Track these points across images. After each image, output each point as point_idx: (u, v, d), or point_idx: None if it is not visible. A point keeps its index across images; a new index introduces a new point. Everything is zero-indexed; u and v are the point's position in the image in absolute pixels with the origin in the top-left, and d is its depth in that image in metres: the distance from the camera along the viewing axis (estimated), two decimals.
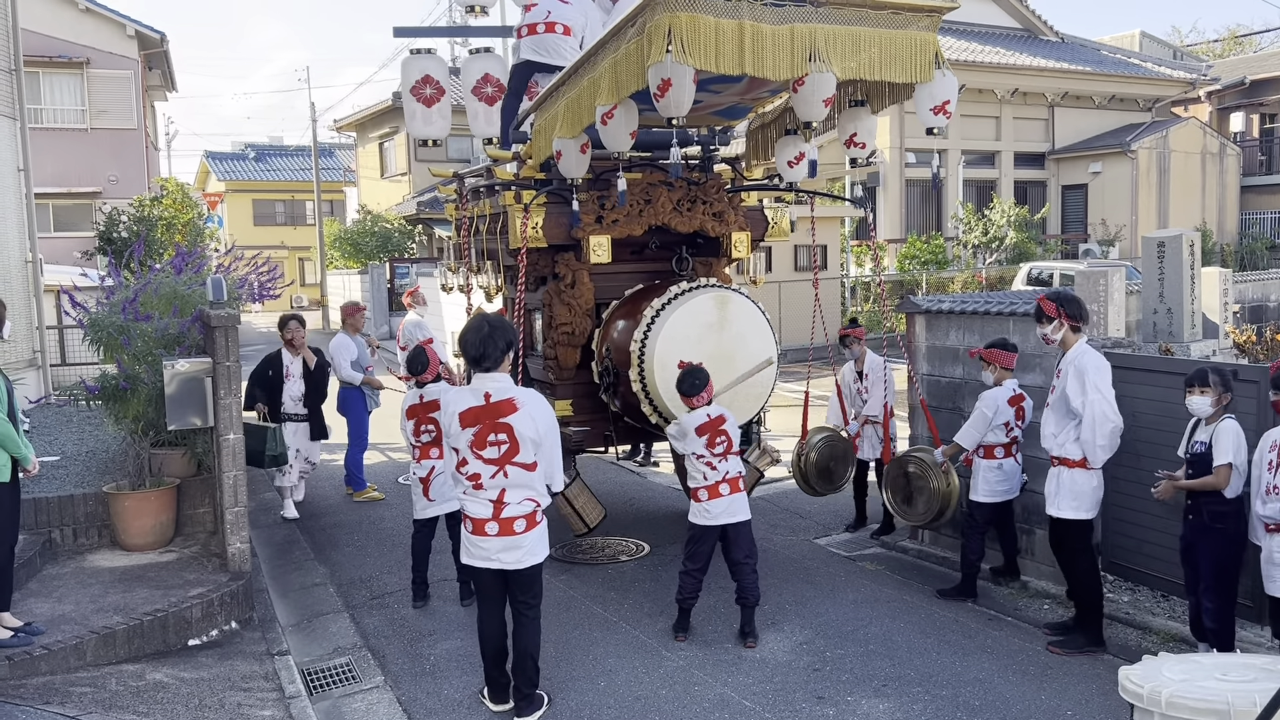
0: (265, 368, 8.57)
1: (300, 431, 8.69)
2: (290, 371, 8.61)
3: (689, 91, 4.94)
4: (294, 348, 8.64)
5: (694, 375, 5.80)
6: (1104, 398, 5.48)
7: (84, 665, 5.37)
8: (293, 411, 8.64)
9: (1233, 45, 42.70)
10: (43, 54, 21.27)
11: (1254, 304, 11.70)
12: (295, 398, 8.65)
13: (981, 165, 26.08)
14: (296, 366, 8.64)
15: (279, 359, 8.60)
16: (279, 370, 8.57)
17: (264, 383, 8.52)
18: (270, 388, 8.50)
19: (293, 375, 8.61)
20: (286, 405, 8.60)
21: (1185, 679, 3.13)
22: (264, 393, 8.46)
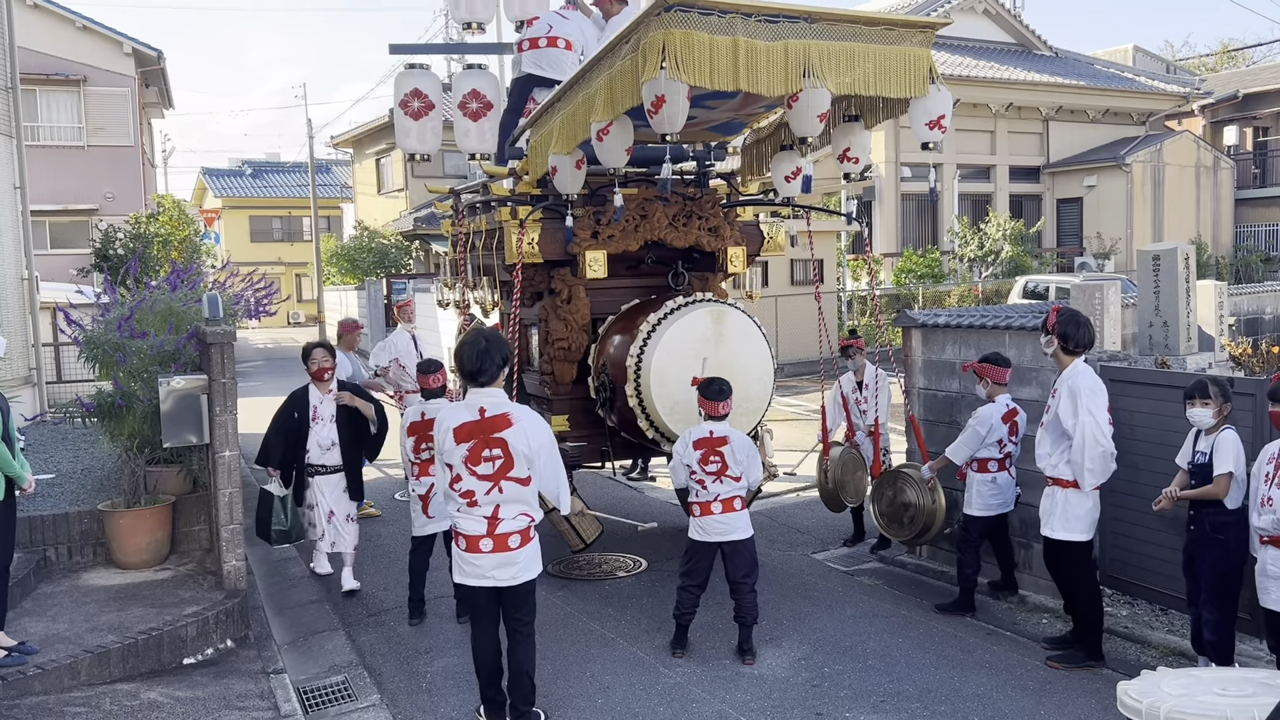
0: (290, 409, 7.02)
1: (330, 488, 7.11)
2: (319, 413, 7.01)
3: (683, 108, 4.96)
4: (322, 383, 7.11)
5: (720, 383, 5.79)
6: (1095, 420, 5.45)
7: (78, 685, 5.34)
8: (320, 463, 7.05)
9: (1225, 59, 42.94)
10: (40, 71, 21.31)
11: (1249, 316, 11.71)
12: (324, 445, 7.03)
13: (976, 179, 26.15)
14: (327, 407, 7.04)
15: (305, 398, 7.05)
16: (305, 412, 7.01)
17: (287, 429, 7.00)
18: (294, 434, 7.02)
19: (321, 418, 7.01)
20: (313, 455, 7.02)
21: (1184, 694, 3.12)
22: (283, 443, 7.00)
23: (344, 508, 7.15)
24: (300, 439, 6.98)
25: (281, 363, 25.88)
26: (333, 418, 7.04)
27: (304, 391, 7.07)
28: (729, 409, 5.78)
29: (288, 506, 6.89)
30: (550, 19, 7.55)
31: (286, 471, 7.02)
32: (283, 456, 6.99)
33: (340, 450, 7.08)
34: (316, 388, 7.06)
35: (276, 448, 6.98)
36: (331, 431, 7.03)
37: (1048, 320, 5.65)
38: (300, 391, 7.08)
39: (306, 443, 7.00)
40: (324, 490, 7.08)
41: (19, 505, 7.01)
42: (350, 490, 7.16)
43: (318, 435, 7.01)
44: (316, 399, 7.05)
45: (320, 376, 7.03)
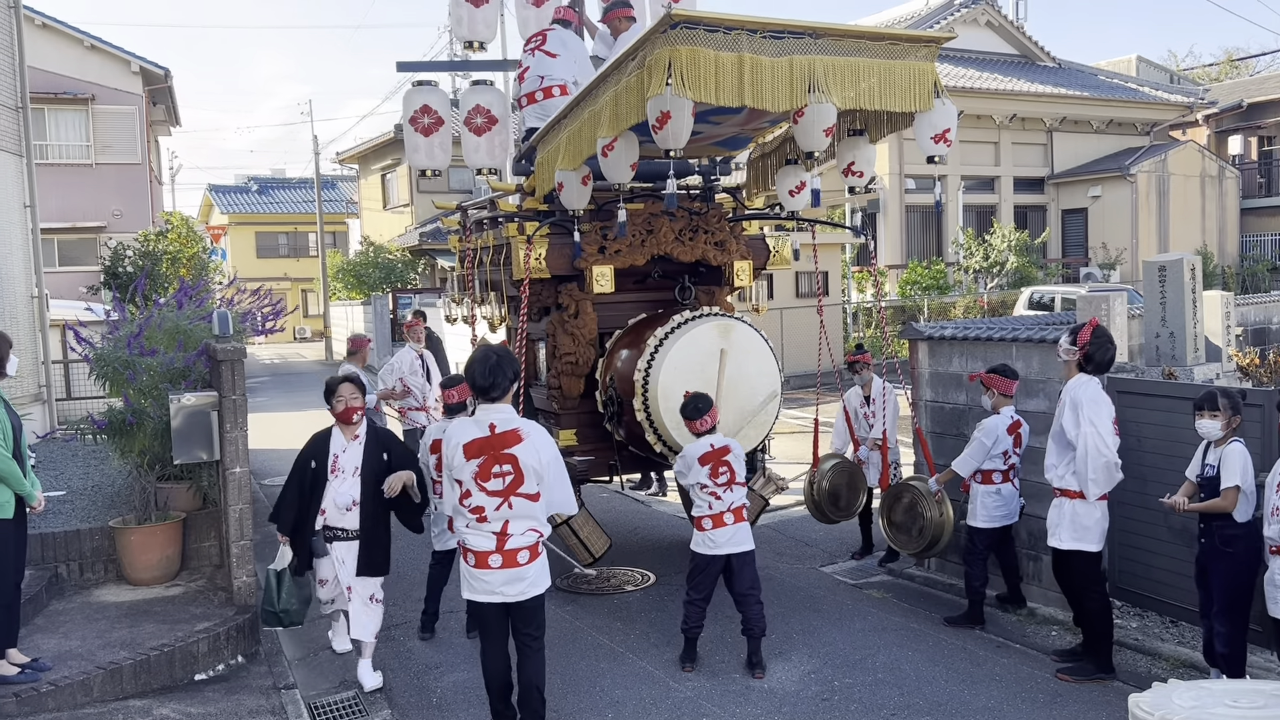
0: (308, 457, 5.70)
1: (351, 557, 5.71)
2: (339, 464, 5.65)
3: (687, 124, 5.00)
4: (349, 426, 5.76)
5: (697, 400, 5.82)
6: (1096, 431, 5.45)
7: (91, 701, 5.36)
8: (339, 525, 5.67)
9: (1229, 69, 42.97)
10: (49, 90, 21.46)
11: (1256, 326, 11.70)
12: (343, 504, 5.64)
13: (981, 190, 26.19)
14: (351, 456, 5.68)
15: (325, 444, 5.72)
16: (324, 461, 5.67)
17: (303, 481, 5.67)
18: (311, 489, 5.66)
19: (342, 470, 5.65)
20: (330, 515, 5.65)
21: (1195, 706, 3.13)
22: (298, 500, 5.67)
23: (363, 587, 5.76)
24: (315, 493, 5.67)
25: (288, 378, 25.97)
26: (356, 470, 5.67)
27: (325, 436, 5.77)
28: (712, 421, 5.81)
29: (284, 581, 5.60)
30: (539, 66, 7.43)
31: (302, 536, 5.69)
32: (297, 516, 5.68)
33: (361, 511, 5.69)
34: (341, 431, 5.75)
35: (290, 506, 5.66)
36: (353, 487, 5.66)
37: (1080, 333, 5.60)
38: (322, 436, 5.78)
39: (322, 498, 5.68)
40: (344, 559, 5.73)
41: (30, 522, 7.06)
42: (369, 564, 5.76)
43: (336, 491, 5.64)
44: (339, 446, 5.71)
45: (347, 418, 5.70)
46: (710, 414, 5.80)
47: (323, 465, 5.67)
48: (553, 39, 7.56)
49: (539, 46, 7.54)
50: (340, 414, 5.74)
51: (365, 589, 5.80)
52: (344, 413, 5.73)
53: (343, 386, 5.78)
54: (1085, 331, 5.60)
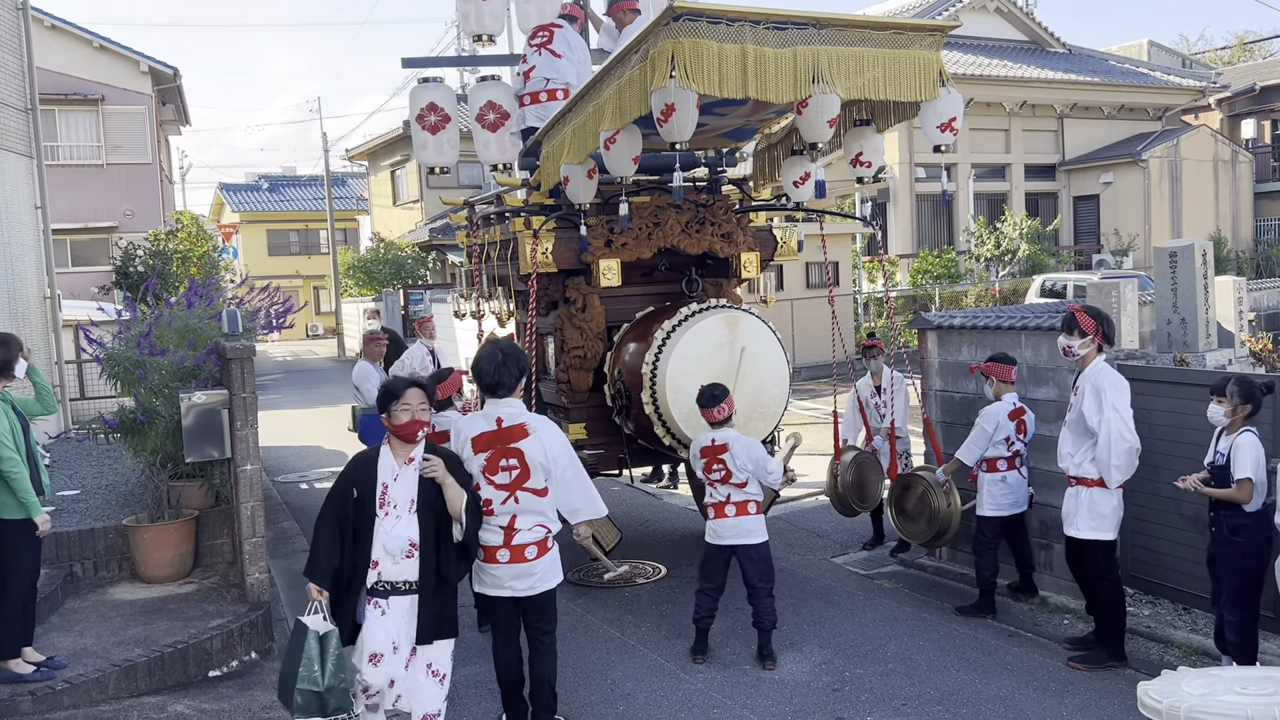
0: (346, 485, 4.41)
1: (405, 618, 4.36)
2: (389, 497, 4.32)
3: (692, 116, 4.99)
4: (408, 446, 4.40)
5: (713, 389, 5.83)
6: (1120, 417, 5.42)
7: (106, 698, 5.40)
8: (392, 579, 4.33)
9: (1241, 52, 42.61)
10: (58, 91, 21.57)
11: (1270, 311, 11.64)
12: (397, 550, 4.31)
13: (992, 178, 26.06)
14: (405, 485, 4.34)
15: (371, 469, 4.38)
16: (370, 491, 4.34)
17: (342, 518, 4.36)
18: (354, 528, 4.35)
19: (393, 504, 4.32)
20: (385, 568, 4.32)
21: (1204, 693, 3.11)
22: (337, 542, 4.34)
23: (425, 654, 4.45)
24: (360, 535, 4.34)
25: (300, 375, 26.08)
26: (412, 505, 4.33)
27: (370, 458, 4.43)
28: (729, 410, 5.80)
29: (329, 651, 4.18)
30: (544, 67, 7.40)
31: (349, 595, 4.37)
32: (340, 566, 4.35)
33: (422, 558, 4.34)
34: (393, 452, 4.39)
35: (328, 551, 4.34)
36: (409, 526, 4.33)
37: (1083, 322, 5.53)
38: (365, 457, 4.47)
39: (370, 544, 4.32)
40: (395, 620, 4.35)
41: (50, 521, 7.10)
42: (435, 624, 4.41)
43: (387, 533, 4.31)
44: (388, 472, 4.35)
45: (410, 434, 4.35)
46: (726, 402, 5.80)
47: (367, 496, 4.32)
48: (559, 38, 7.53)
49: (545, 44, 7.50)
50: (402, 428, 4.33)
51: (427, 657, 4.45)
52: (407, 427, 4.32)
53: (410, 392, 4.35)
54: (1086, 319, 5.56)
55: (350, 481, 4.41)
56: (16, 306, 10.92)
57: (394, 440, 4.41)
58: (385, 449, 4.42)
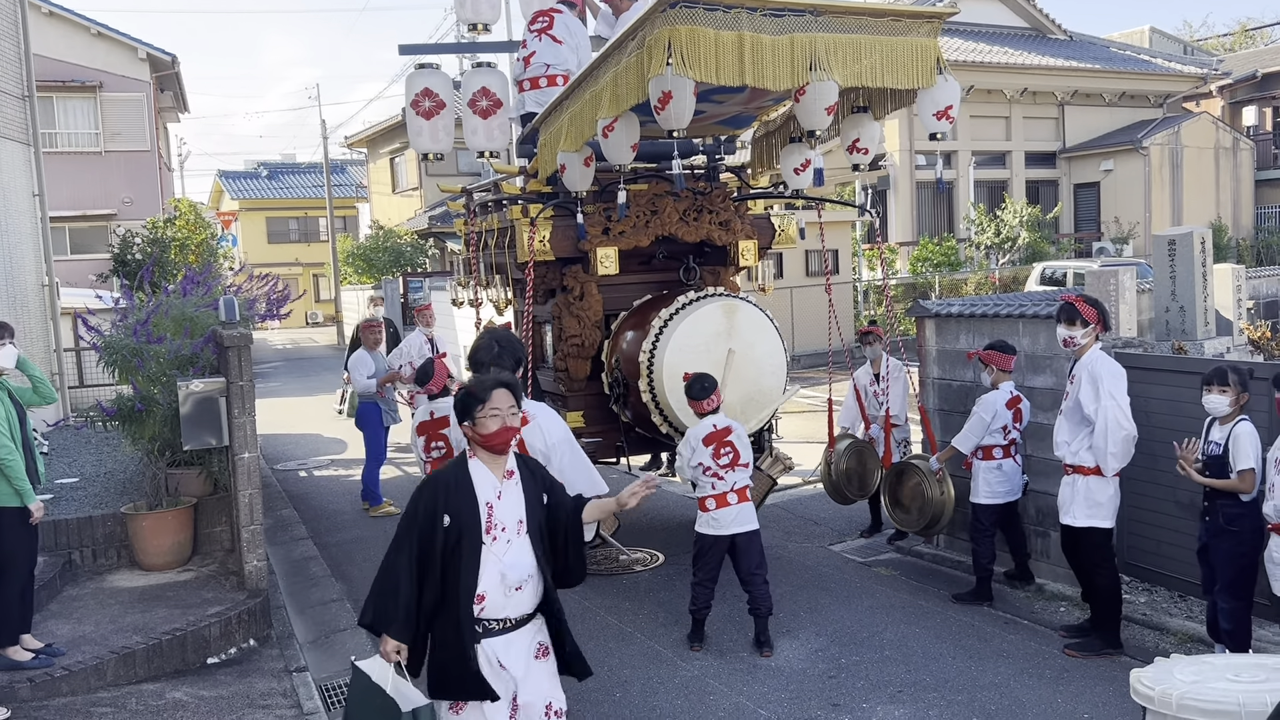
0: (430, 508, 3.60)
1: (520, 658, 3.67)
2: (496, 518, 3.62)
3: (689, 103, 4.97)
4: (502, 456, 3.70)
5: (702, 380, 5.83)
6: (1118, 404, 5.42)
7: (104, 685, 5.42)
8: (500, 615, 3.62)
9: (1244, 39, 42.48)
10: (56, 79, 21.51)
11: (1269, 299, 11.61)
12: (515, 581, 3.62)
13: (992, 165, 26.01)
14: (511, 503, 3.66)
15: (465, 485, 3.63)
16: (470, 511, 3.59)
17: (426, 549, 3.58)
18: (445, 561, 3.58)
19: (501, 526, 3.62)
20: (493, 602, 3.60)
21: (1196, 680, 3.12)
22: (414, 580, 3.57)
23: (543, 690, 3.74)
24: (452, 569, 3.57)
25: (300, 363, 26.08)
26: (521, 525, 3.67)
27: (460, 478, 3.64)
28: (718, 401, 5.81)
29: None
30: (545, 53, 7.38)
31: (444, 641, 3.60)
32: (415, 608, 3.58)
33: (541, 579, 3.72)
34: (488, 465, 3.67)
35: (396, 594, 3.57)
36: (524, 551, 3.66)
37: (1083, 313, 5.51)
38: (449, 476, 3.67)
39: (476, 576, 3.56)
40: (507, 663, 3.63)
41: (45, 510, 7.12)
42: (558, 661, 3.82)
43: (505, 562, 3.61)
44: (489, 489, 3.64)
45: (503, 444, 3.64)
46: (715, 394, 5.81)
47: (468, 521, 3.57)
48: (559, 24, 7.50)
49: (546, 29, 7.47)
50: (492, 437, 3.59)
51: (545, 696, 3.75)
52: (498, 435, 3.59)
53: (498, 394, 3.61)
54: (1088, 309, 5.55)
55: (438, 506, 3.56)
56: (15, 294, 10.92)
57: (482, 452, 3.64)
58: (474, 464, 3.65)
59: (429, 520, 3.58)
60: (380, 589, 3.62)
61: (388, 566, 3.62)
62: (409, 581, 3.56)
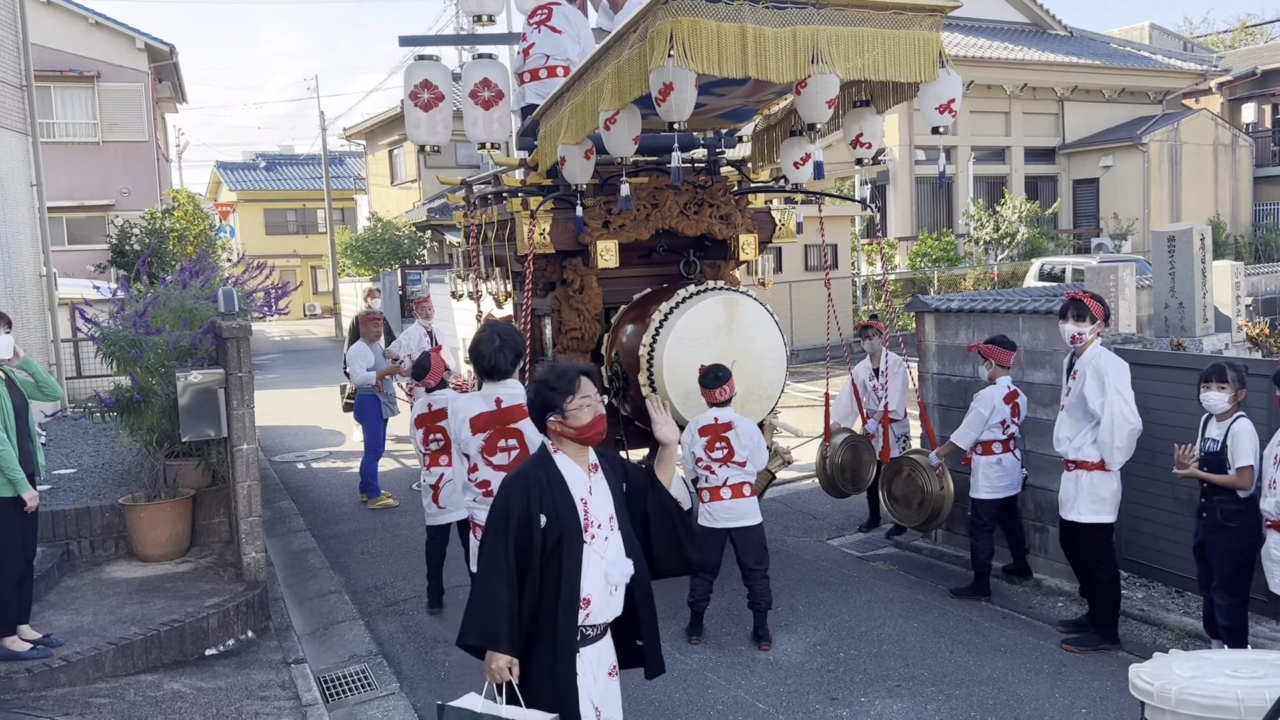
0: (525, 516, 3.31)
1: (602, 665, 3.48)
2: (592, 513, 3.37)
3: (691, 96, 4.95)
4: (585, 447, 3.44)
5: (716, 370, 5.85)
6: (1124, 399, 5.42)
7: (103, 676, 5.42)
8: (605, 619, 3.44)
9: (1244, 36, 42.45)
10: (54, 68, 21.45)
11: (1267, 296, 11.63)
12: (617, 580, 3.39)
13: (992, 161, 26.00)
14: (601, 497, 3.43)
15: (554, 487, 3.34)
16: (572, 514, 3.32)
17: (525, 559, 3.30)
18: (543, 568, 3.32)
19: (597, 522, 3.37)
20: (597, 607, 3.38)
21: (1195, 676, 3.13)
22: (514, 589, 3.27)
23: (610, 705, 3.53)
24: (551, 573, 3.30)
25: (298, 355, 26.05)
26: (613, 521, 3.42)
27: (548, 474, 3.36)
28: (730, 392, 5.82)
29: None
30: (544, 44, 7.34)
31: (549, 654, 3.32)
32: (519, 618, 3.29)
33: (635, 584, 3.47)
34: (574, 460, 3.40)
35: (500, 599, 3.27)
36: (619, 545, 3.41)
37: (1092, 310, 5.50)
38: (539, 473, 3.36)
39: (580, 578, 3.30)
40: (597, 675, 3.44)
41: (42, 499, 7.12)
42: (654, 661, 3.60)
43: (608, 559, 3.36)
44: (580, 484, 3.37)
45: (599, 435, 3.39)
46: (729, 384, 5.82)
47: (568, 520, 3.30)
48: (558, 15, 7.47)
49: (544, 21, 7.45)
50: (587, 428, 3.35)
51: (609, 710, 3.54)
52: (594, 425, 3.36)
53: (585, 382, 3.38)
54: (1095, 305, 5.54)
55: (532, 506, 3.29)
56: (12, 285, 10.90)
57: (569, 446, 3.38)
58: (561, 459, 3.39)
59: (524, 522, 3.28)
60: (480, 604, 3.30)
61: (484, 578, 3.31)
62: (509, 591, 3.25)
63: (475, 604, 3.35)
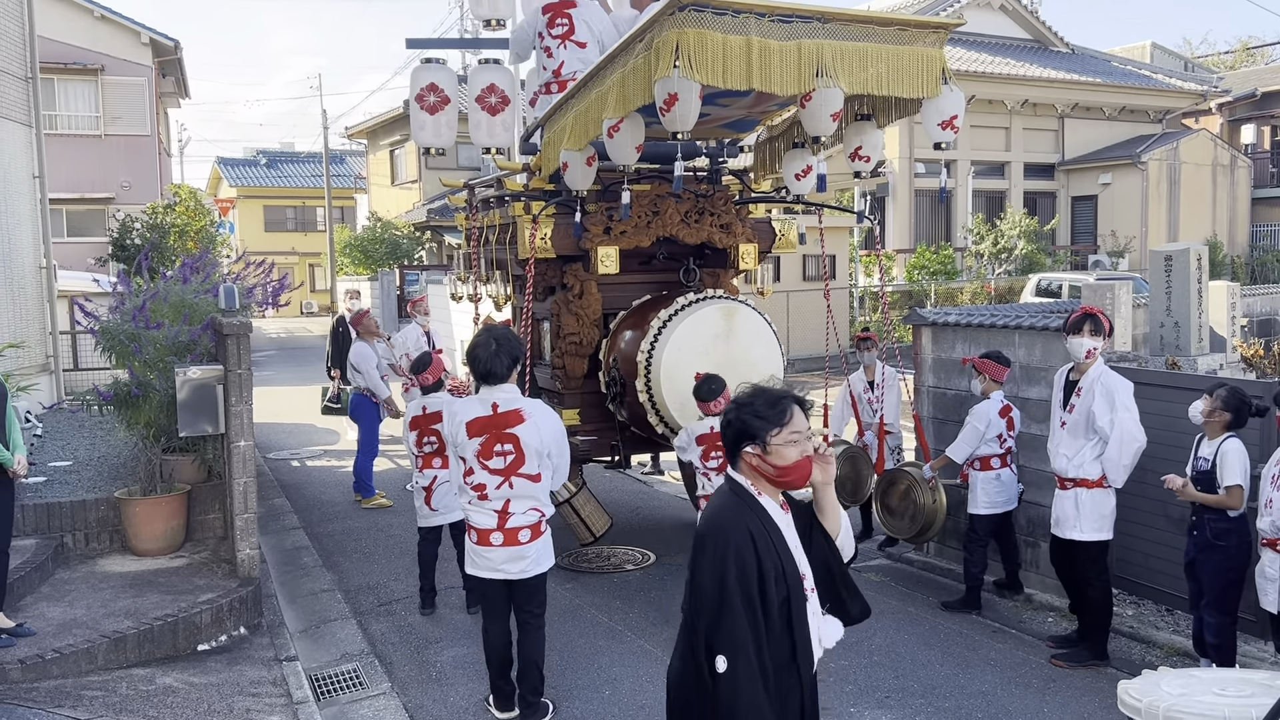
0: (752, 569, 2.73)
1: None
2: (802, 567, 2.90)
3: (695, 106, 4.99)
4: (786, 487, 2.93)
5: (710, 381, 5.87)
6: (1132, 417, 5.42)
7: (95, 669, 5.42)
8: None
9: (1244, 57, 42.65)
10: (58, 61, 21.46)
11: (1263, 317, 11.69)
12: (831, 639, 3.01)
13: (991, 176, 26.09)
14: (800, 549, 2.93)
15: (773, 530, 2.85)
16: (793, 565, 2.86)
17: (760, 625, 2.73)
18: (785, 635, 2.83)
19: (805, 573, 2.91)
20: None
21: (1183, 693, 3.16)
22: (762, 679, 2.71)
23: None
24: (791, 637, 2.83)
25: (295, 352, 26.02)
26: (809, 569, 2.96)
27: (753, 512, 2.85)
28: (725, 404, 5.83)
29: None
30: (572, 62, 7.27)
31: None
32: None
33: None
34: (772, 498, 2.90)
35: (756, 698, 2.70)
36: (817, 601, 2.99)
37: (1100, 323, 5.50)
38: (746, 517, 2.83)
39: (812, 651, 2.92)
40: None
41: (37, 491, 7.13)
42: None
43: (816, 616, 2.95)
44: (789, 529, 2.92)
45: (800, 479, 2.87)
46: (724, 396, 5.84)
47: (790, 577, 2.83)
48: (579, 25, 7.35)
49: (568, 36, 7.33)
50: (789, 470, 2.83)
51: None
52: (799, 468, 2.84)
53: (797, 414, 2.85)
54: (1106, 321, 5.55)
55: (764, 560, 2.74)
56: (12, 276, 10.91)
57: (767, 486, 2.87)
58: (764, 501, 2.86)
59: (758, 580, 2.72)
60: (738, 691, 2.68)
61: (736, 686, 2.66)
62: (752, 676, 2.69)
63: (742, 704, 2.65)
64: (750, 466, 2.86)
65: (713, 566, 2.73)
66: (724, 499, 2.89)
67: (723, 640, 2.68)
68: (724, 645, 2.67)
